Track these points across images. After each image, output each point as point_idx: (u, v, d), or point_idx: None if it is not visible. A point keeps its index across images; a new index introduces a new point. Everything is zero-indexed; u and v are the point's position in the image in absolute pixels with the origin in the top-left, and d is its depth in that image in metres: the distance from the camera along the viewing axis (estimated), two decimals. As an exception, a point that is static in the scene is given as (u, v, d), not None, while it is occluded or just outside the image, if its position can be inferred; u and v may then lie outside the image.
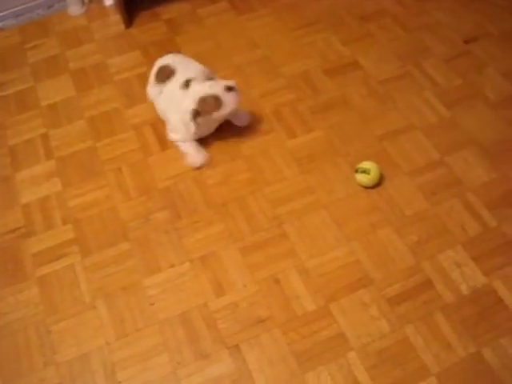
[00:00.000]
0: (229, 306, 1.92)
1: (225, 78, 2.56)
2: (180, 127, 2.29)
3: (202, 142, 2.36)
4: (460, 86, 2.50)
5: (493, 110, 2.40)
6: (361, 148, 2.31)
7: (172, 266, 2.02)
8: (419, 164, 2.24)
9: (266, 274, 1.98)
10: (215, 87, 2.21)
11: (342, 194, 2.18)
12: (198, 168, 2.28)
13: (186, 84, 2.26)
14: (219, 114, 2.24)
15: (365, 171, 2.14)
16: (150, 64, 2.51)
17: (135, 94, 2.57)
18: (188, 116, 2.20)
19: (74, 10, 3.00)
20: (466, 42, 2.67)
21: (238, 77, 2.60)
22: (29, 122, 2.52)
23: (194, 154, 2.30)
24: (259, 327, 1.87)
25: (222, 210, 2.16)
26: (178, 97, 2.27)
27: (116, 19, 2.96)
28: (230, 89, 2.22)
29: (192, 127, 2.22)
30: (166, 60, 2.43)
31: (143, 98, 2.53)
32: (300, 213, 2.13)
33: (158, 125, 2.44)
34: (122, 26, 2.91)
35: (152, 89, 2.44)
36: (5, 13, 2.97)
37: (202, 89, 2.21)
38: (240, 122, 2.40)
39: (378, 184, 2.17)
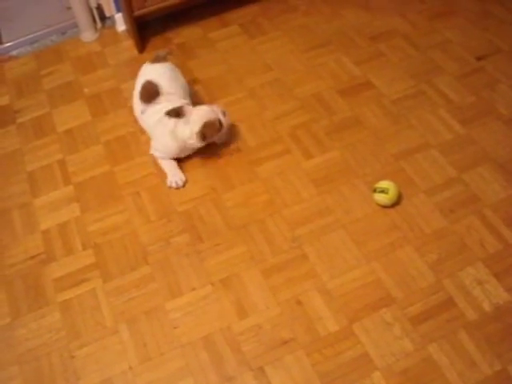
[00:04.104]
0: (252, 328, 1.92)
1: (238, 101, 2.62)
2: (163, 148, 2.35)
3: (213, 162, 2.38)
4: (473, 102, 2.52)
5: (507, 126, 2.41)
6: (377, 167, 2.32)
7: (194, 289, 2.03)
8: (436, 182, 2.25)
9: (288, 295, 1.99)
10: (216, 111, 2.29)
11: (360, 214, 2.18)
12: (176, 188, 2.32)
13: (177, 113, 2.25)
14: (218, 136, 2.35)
15: (383, 191, 2.14)
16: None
17: (151, 118, 2.59)
18: (192, 141, 2.26)
19: (87, 36, 3.04)
20: (478, 58, 2.69)
21: (252, 99, 2.63)
22: (46, 148, 2.55)
23: (171, 175, 2.34)
24: (283, 349, 1.86)
25: (242, 232, 2.17)
26: (167, 123, 2.29)
27: (129, 44, 3.00)
28: (224, 113, 2.32)
29: (195, 143, 2.28)
30: (150, 73, 2.45)
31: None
32: (319, 233, 2.14)
33: (174, 148, 2.45)
34: (135, 51, 2.95)
35: (136, 106, 2.46)
36: (20, 40, 3.03)
37: (206, 114, 2.26)
38: (219, 139, 2.44)
39: (396, 203, 2.18)
